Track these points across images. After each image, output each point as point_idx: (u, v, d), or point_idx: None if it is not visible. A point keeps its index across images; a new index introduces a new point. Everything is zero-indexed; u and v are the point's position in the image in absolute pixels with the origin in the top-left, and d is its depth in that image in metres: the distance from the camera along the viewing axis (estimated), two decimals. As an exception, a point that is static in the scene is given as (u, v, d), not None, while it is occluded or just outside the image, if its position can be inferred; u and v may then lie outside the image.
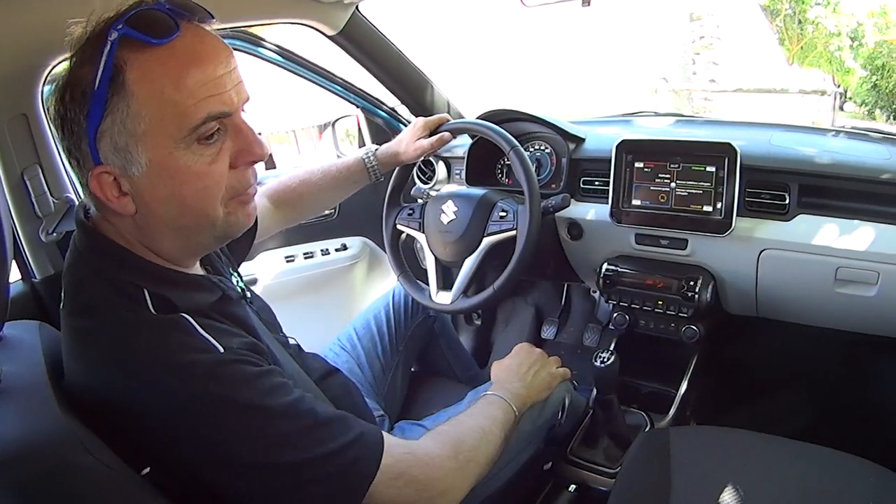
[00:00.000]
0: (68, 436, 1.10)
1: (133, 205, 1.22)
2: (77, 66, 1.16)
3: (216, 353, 1.19)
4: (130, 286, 1.23)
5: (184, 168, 1.20)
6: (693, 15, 17.07)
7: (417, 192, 2.67)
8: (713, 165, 2.18)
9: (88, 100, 1.13)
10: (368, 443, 1.32)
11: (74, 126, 1.16)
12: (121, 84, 1.13)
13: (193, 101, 1.17)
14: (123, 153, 1.17)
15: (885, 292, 2.06)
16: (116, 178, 1.19)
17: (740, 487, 1.68)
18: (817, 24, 17.93)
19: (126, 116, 1.14)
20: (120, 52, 1.13)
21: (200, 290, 1.36)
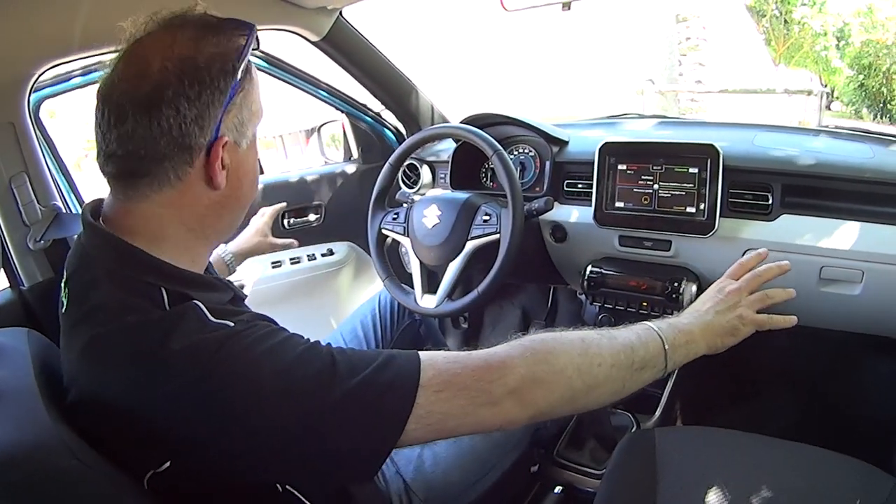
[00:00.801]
0: (56, 442, 1.09)
1: (226, 180, 1.30)
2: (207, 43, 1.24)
3: (227, 328, 1.17)
4: (147, 285, 1.22)
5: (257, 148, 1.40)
6: (679, 16, 17.10)
7: (402, 197, 2.68)
8: (696, 167, 2.20)
9: (234, 72, 1.25)
10: (400, 362, 1.23)
11: (217, 93, 1.23)
12: (250, 70, 1.31)
13: None
14: (241, 127, 1.30)
15: (869, 291, 2.08)
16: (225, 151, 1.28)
17: (726, 487, 1.68)
18: (803, 24, 18.00)
19: (249, 96, 1.30)
20: None
21: (215, 290, 1.37)
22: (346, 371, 1.17)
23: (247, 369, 1.13)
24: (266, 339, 1.18)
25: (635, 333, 1.48)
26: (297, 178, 3.22)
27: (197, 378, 1.11)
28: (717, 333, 1.62)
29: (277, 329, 1.24)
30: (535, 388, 1.29)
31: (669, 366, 1.50)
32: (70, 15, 1.84)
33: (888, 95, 17.52)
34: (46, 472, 1.05)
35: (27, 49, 1.87)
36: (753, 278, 1.70)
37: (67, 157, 2.39)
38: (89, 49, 2.02)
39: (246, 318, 1.24)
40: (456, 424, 1.24)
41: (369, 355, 1.23)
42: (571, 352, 1.36)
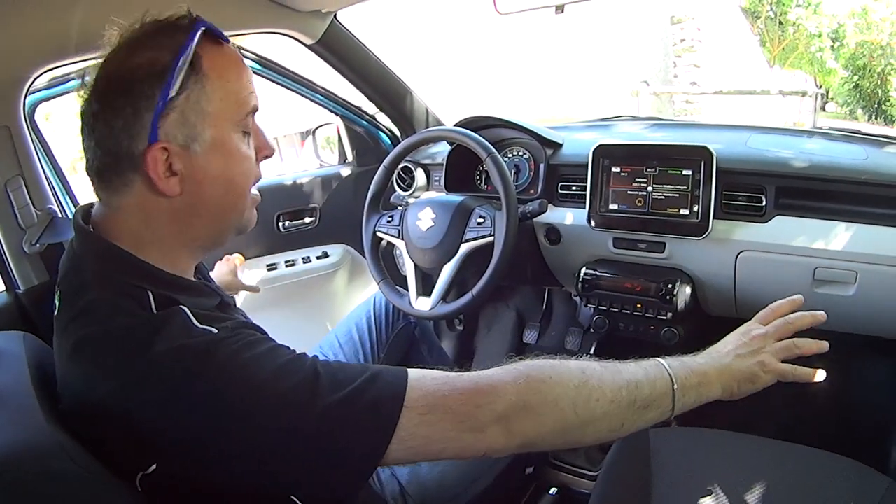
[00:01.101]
0: (52, 444, 1.10)
1: (179, 186, 1.27)
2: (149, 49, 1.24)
3: (211, 335, 1.18)
4: (134, 288, 1.24)
5: (236, 150, 1.33)
6: (674, 18, 17.10)
7: (397, 199, 2.67)
8: (689, 169, 2.20)
9: (165, 74, 1.22)
10: (386, 380, 1.20)
11: (143, 101, 1.22)
12: (199, 67, 1.25)
13: (246, 92, 1.34)
14: (191, 129, 1.26)
15: (863, 292, 2.09)
16: (170, 156, 1.24)
17: (721, 488, 1.69)
18: (798, 25, 18.01)
19: (201, 95, 1.26)
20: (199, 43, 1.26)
21: (202, 295, 1.38)
22: (328, 386, 1.16)
23: (230, 377, 1.13)
24: (250, 348, 1.18)
25: (643, 369, 1.41)
26: (293, 180, 3.21)
27: (179, 383, 1.12)
28: (734, 378, 1.53)
29: (262, 338, 1.25)
30: (525, 418, 1.24)
31: (677, 408, 1.42)
32: (66, 18, 1.84)
33: (883, 96, 17.53)
34: (42, 474, 1.05)
35: (22, 52, 1.87)
36: (784, 325, 1.62)
37: (63, 160, 2.38)
38: (85, 52, 2.01)
39: (231, 326, 1.24)
40: (439, 449, 1.20)
41: (355, 370, 1.21)
42: (568, 383, 1.30)
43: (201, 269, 1.60)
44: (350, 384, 1.16)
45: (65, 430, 1.15)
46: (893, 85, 17.23)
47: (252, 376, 1.14)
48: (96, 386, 1.16)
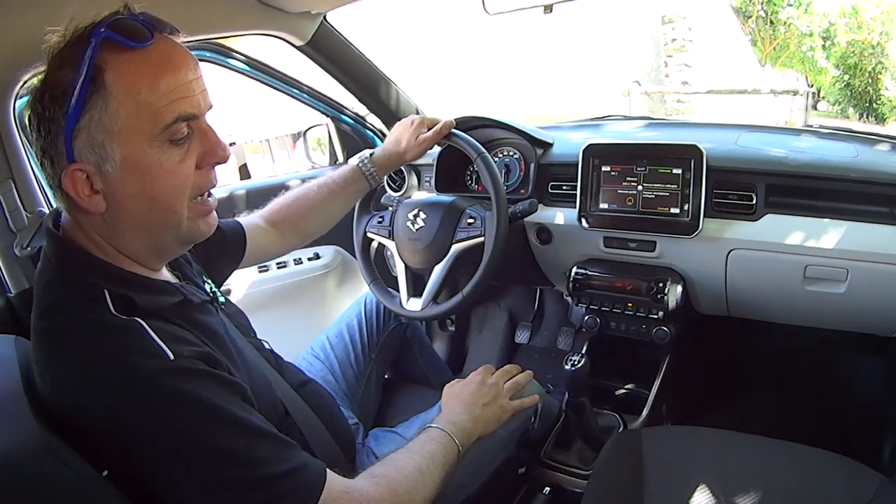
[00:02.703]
0: (42, 447, 1.11)
1: (104, 203, 1.27)
2: (56, 69, 1.22)
3: (164, 360, 1.21)
4: (91, 286, 1.27)
5: (155, 165, 1.27)
6: (665, 17, 17.11)
7: (388, 200, 2.67)
8: (679, 168, 2.20)
9: (69, 97, 1.19)
10: (310, 476, 1.32)
11: (52, 124, 1.21)
12: (101, 83, 1.20)
13: (166, 101, 1.25)
14: (99, 149, 1.23)
15: (854, 289, 2.09)
16: (89, 175, 1.24)
17: (713, 486, 1.69)
18: (789, 24, 18.03)
19: (104, 114, 1.21)
20: (101, 53, 1.20)
21: (160, 293, 1.39)
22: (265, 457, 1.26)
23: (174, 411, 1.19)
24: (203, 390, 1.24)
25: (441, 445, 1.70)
26: (284, 182, 3.20)
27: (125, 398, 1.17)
28: (487, 423, 1.93)
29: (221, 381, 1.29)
30: None
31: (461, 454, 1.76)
32: (56, 20, 1.84)
33: (874, 95, 17.58)
34: (33, 477, 1.07)
35: (11, 56, 1.87)
36: (504, 373, 2.11)
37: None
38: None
39: (189, 354, 1.27)
40: None
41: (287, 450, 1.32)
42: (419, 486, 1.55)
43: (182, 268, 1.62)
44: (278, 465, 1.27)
45: (56, 433, 1.15)
46: (884, 84, 17.28)
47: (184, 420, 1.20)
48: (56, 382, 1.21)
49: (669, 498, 1.70)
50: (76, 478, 1.11)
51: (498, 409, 1.99)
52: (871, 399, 2.69)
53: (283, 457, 1.29)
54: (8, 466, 1.06)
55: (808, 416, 2.68)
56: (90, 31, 1.21)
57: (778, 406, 2.81)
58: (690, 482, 1.71)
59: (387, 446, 1.83)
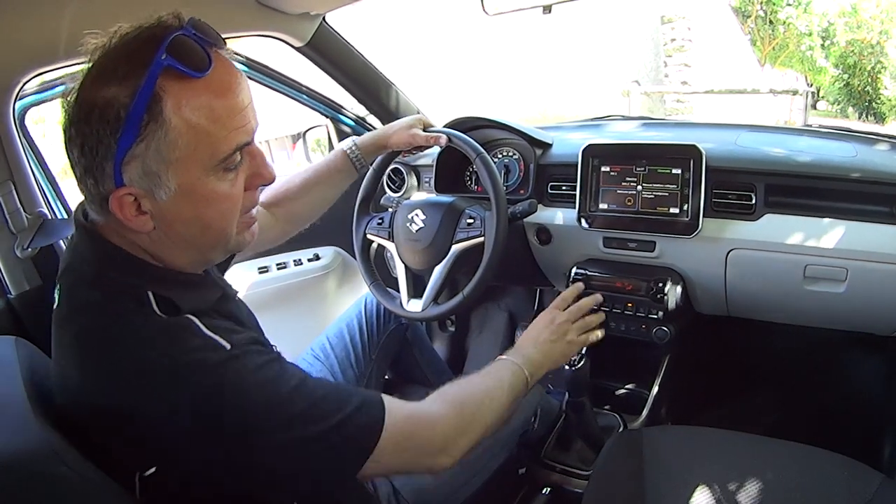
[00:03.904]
0: (45, 448, 1.11)
1: (151, 223, 1.25)
2: (104, 84, 1.16)
3: (224, 350, 1.24)
4: (134, 289, 1.25)
5: (210, 193, 1.26)
6: (664, 17, 17.10)
7: (387, 201, 2.66)
8: (679, 168, 2.20)
9: (122, 123, 1.14)
10: (370, 411, 1.37)
11: (100, 146, 1.16)
12: (158, 112, 1.15)
13: (225, 133, 1.23)
14: (153, 177, 1.20)
15: (853, 288, 2.08)
16: (138, 198, 1.22)
17: (713, 485, 1.69)
18: (788, 24, 18.03)
19: (161, 144, 1.17)
20: (160, 80, 1.15)
21: (202, 290, 1.40)
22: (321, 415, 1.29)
23: (245, 394, 1.22)
24: (263, 369, 1.27)
25: (510, 373, 1.80)
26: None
27: (188, 392, 1.17)
28: (555, 359, 2.03)
29: (271, 360, 1.32)
30: (462, 439, 1.53)
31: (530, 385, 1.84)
32: (55, 23, 1.84)
33: (873, 94, 17.58)
34: (35, 478, 1.07)
35: (11, 57, 1.88)
36: (577, 309, 2.20)
37: (55, 164, 2.38)
38: (75, 57, 2.01)
39: (241, 341, 1.29)
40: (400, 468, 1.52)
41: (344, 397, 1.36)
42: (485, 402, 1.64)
43: None
44: (340, 412, 1.31)
45: (59, 434, 1.16)
46: (883, 83, 17.27)
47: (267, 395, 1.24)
48: (96, 382, 1.20)
49: (670, 498, 1.70)
50: (78, 479, 1.11)
51: (566, 345, 2.08)
52: (871, 398, 2.69)
53: (343, 401, 1.34)
54: (9, 467, 1.06)
55: (807, 416, 2.69)
56: (150, 53, 1.15)
57: (778, 406, 2.81)
58: (691, 482, 1.71)
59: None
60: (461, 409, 1.57)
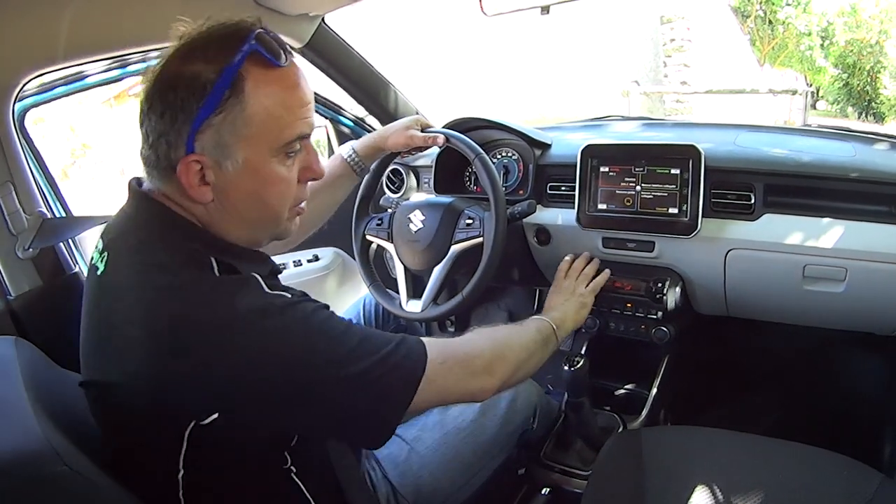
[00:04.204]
0: (45, 448, 1.11)
1: (211, 194, 1.37)
2: (190, 62, 1.30)
3: (286, 298, 1.35)
4: (198, 253, 1.35)
5: (271, 173, 1.39)
6: (663, 17, 17.12)
7: (386, 202, 2.66)
8: (677, 168, 2.19)
9: (207, 94, 1.28)
10: (411, 343, 1.47)
11: (181, 113, 1.29)
12: (240, 89, 1.30)
13: (292, 119, 1.38)
14: (224, 148, 1.33)
15: (853, 288, 2.08)
16: (203, 167, 1.33)
17: (713, 486, 1.69)
18: (788, 24, 18.06)
19: (238, 118, 1.31)
20: (245, 63, 1.30)
21: (257, 262, 1.49)
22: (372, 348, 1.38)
23: (307, 333, 1.33)
24: (318, 313, 1.37)
25: (537, 321, 2.01)
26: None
27: (265, 334, 1.27)
28: (576, 312, 2.22)
29: (321, 306, 1.41)
30: (500, 363, 1.66)
31: (559, 340, 2.02)
32: (55, 25, 1.85)
33: (872, 94, 17.60)
34: (35, 478, 1.08)
35: (11, 58, 1.89)
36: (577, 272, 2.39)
37: (54, 165, 2.38)
38: (74, 58, 2.03)
39: (297, 293, 1.40)
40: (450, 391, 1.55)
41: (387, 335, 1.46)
42: (513, 336, 1.83)
43: None
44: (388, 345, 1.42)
45: (59, 433, 1.16)
46: (883, 83, 17.29)
47: (322, 337, 1.34)
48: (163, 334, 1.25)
49: (669, 498, 1.71)
50: (78, 479, 1.11)
51: (579, 298, 2.28)
52: (871, 398, 2.69)
53: (386, 337, 1.45)
54: (10, 468, 1.07)
55: (807, 416, 2.68)
56: (240, 43, 1.30)
57: (777, 406, 2.81)
58: (690, 482, 1.71)
59: (387, 447, 1.82)
60: (492, 337, 1.74)
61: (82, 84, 2.36)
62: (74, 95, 2.39)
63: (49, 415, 1.22)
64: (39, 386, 1.31)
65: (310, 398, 1.31)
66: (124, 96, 9.66)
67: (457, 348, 1.60)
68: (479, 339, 1.70)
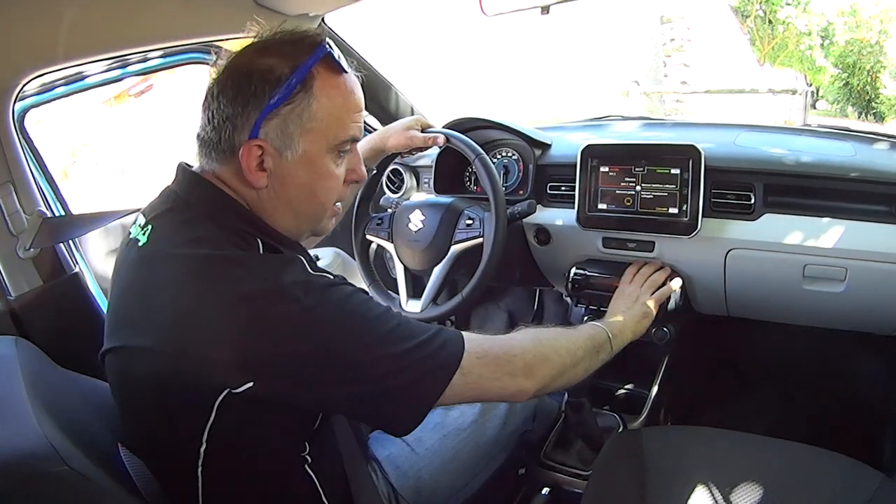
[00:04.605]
0: (46, 448, 1.11)
1: (266, 180, 1.45)
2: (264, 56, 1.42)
3: (329, 278, 1.39)
4: (244, 232, 1.41)
5: (325, 167, 1.49)
6: (663, 17, 17.11)
7: (387, 202, 2.66)
8: (678, 168, 2.19)
9: (280, 85, 1.39)
10: (449, 332, 1.49)
11: (254, 99, 1.39)
12: (309, 86, 1.41)
13: (349, 121, 1.48)
14: (287, 138, 1.42)
15: (853, 288, 2.09)
16: (264, 153, 1.42)
17: (713, 486, 1.70)
18: (788, 23, 18.02)
19: (304, 111, 1.41)
20: (316, 65, 1.42)
21: (298, 250, 1.54)
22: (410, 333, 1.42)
23: (347, 312, 1.36)
24: (359, 294, 1.41)
25: (591, 327, 1.94)
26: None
27: (307, 307, 1.31)
28: (636, 322, 2.12)
29: (361, 289, 1.44)
30: (542, 365, 1.62)
31: (614, 349, 1.94)
32: (54, 25, 1.85)
33: (872, 94, 17.58)
34: (36, 478, 1.08)
35: (11, 59, 1.89)
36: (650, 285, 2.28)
37: (54, 165, 2.39)
38: (74, 58, 2.03)
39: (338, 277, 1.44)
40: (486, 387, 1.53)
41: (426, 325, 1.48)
42: (560, 339, 1.75)
43: None
44: (425, 333, 1.44)
45: (60, 433, 1.16)
46: (882, 82, 17.28)
47: (360, 317, 1.37)
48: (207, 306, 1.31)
49: (669, 498, 1.71)
50: (78, 478, 1.11)
51: (642, 307, 2.19)
52: (871, 398, 2.69)
53: (426, 326, 1.47)
54: (10, 467, 1.07)
55: (807, 416, 2.69)
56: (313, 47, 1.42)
57: (777, 405, 2.81)
58: (690, 482, 1.71)
59: (388, 448, 1.86)
60: (536, 338, 1.70)
61: (82, 84, 2.37)
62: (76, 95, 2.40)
63: (49, 415, 1.22)
64: (40, 386, 1.32)
65: (343, 375, 1.34)
66: (124, 96, 9.67)
67: (497, 345, 1.59)
68: (522, 338, 1.68)
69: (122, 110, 9.91)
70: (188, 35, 2.21)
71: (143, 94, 10.33)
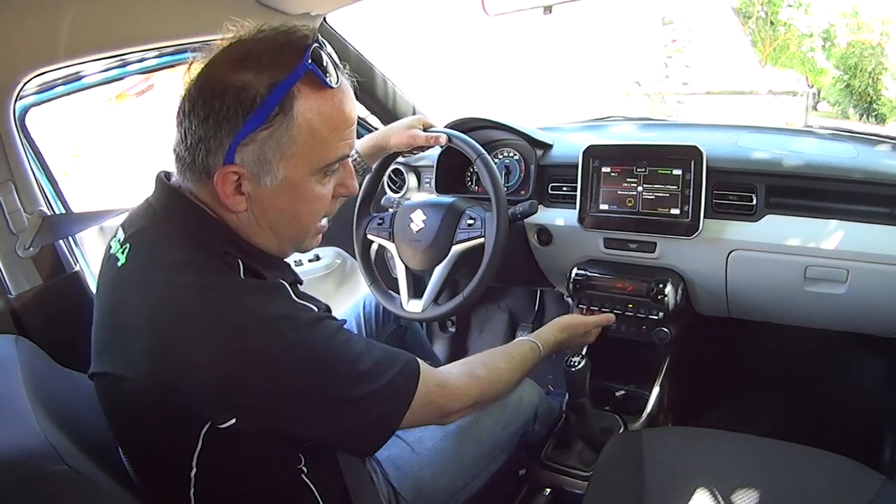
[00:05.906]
0: (45, 447, 1.11)
1: (245, 204, 1.37)
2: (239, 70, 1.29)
3: (313, 312, 1.39)
4: (226, 254, 1.36)
5: (308, 191, 1.41)
6: (665, 18, 17.11)
7: (388, 202, 2.66)
8: (679, 168, 2.19)
9: (255, 107, 1.27)
10: (410, 373, 1.52)
11: (226, 123, 1.28)
12: (290, 108, 1.30)
13: (336, 142, 1.38)
14: (264, 164, 1.33)
15: (854, 290, 2.08)
16: (241, 178, 1.34)
17: (713, 487, 1.69)
18: (789, 25, 18.01)
19: (283, 136, 1.31)
20: (299, 83, 1.30)
21: (282, 270, 1.52)
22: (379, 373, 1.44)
23: (332, 351, 1.37)
24: (341, 333, 1.42)
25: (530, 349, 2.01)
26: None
27: (293, 344, 1.30)
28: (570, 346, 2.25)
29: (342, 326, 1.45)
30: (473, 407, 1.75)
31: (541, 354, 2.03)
32: (55, 24, 1.85)
33: (874, 95, 17.56)
34: (35, 477, 1.08)
35: (12, 58, 1.89)
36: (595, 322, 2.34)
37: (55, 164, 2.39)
38: (74, 58, 2.03)
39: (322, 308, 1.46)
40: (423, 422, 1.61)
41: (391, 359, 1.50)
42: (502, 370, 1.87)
43: None
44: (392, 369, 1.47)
45: (59, 432, 1.16)
46: (884, 84, 17.27)
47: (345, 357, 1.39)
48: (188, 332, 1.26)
49: (670, 499, 1.70)
50: (75, 476, 1.11)
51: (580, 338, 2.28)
52: (872, 399, 2.69)
53: (393, 362, 1.50)
54: (10, 467, 1.07)
55: (808, 417, 2.68)
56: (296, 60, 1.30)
57: (778, 407, 2.80)
58: (691, 483, 1.71)
59: (388, 449, 1.83)
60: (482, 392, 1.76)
61: (82, 84, 2.36)
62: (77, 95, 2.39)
63: (49, 414, 1.22)
64: (39, 385, 1.32)
65: (324, 411, 1.35)
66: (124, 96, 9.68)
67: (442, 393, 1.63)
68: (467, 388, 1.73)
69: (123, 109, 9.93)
70: (188, 34, 2.20)
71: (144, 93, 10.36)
